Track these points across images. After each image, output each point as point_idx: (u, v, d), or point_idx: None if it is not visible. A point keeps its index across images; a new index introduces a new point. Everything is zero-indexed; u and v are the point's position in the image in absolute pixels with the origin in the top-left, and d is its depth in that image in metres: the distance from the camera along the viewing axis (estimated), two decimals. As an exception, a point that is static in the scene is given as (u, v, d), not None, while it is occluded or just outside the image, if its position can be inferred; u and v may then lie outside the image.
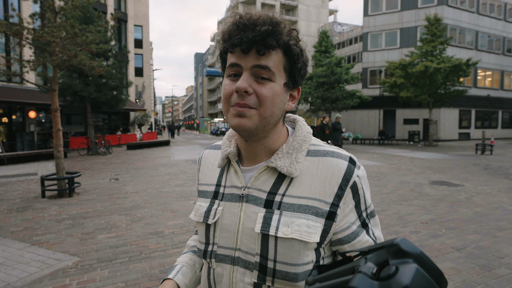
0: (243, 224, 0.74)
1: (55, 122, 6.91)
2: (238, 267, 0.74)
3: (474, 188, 7.45)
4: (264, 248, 0.71)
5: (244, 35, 0.66)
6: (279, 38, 0.68)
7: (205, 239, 0.81)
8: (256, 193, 0.75)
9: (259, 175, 0.76)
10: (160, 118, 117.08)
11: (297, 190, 0.72)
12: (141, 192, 7.23)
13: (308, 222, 0.70)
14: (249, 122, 0.70)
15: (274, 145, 0.78)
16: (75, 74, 15.08)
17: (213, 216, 0.79)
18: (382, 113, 28.08)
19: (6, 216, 5.47)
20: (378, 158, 14.01)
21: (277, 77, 0.70)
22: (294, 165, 0.73)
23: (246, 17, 0.69)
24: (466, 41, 27.80)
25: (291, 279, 0.69)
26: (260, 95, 0.69)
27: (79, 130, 22.12)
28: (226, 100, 0.72)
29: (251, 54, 0.68)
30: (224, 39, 0.71)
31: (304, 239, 0.69)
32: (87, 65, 7.30)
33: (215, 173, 0.85)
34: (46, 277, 3.26)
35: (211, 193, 0.83)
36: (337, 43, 42.48)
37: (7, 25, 6.68)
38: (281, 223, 0.70)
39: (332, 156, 0.75)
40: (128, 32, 27.39)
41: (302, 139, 0.78)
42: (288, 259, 0.69)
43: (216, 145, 0.93)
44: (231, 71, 0.72)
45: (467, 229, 4.59)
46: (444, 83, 20.15)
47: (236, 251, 0.75)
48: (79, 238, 4.36)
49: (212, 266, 0.79)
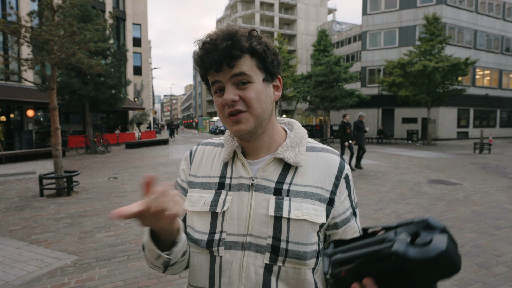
0: (254, 211, 0.80)
1: (53, 120, 6.89)
2: (249, 251, 0.78)
3: (472, 187, 7.48)
4: (277, 230, 0.78)
5: (212, 58, 0.75)
6: (241, 46, 0.76)
7: (210, 228, 0.82)
8: (264, 182, 0.82)
9: (266, 166, 0.83)
10: (158, 117, 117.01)
11: (302, 179, 0.82)
12: (139, 191, 7.23)
13: (314, 206, 0.79)
14: (246, 126, 0.79)
15: (272, 140, 0.86)
16: (74, 72, 15.03)
17: (221, 205, 0.82)
18: (380, 112, 28.12)
19: (4, 215, 5.46)
20: (376, 157, 14.04)
21: (254, 77, 0.78)
22: (299, 156, 0.83)
23: (207, 40, 0.77)
24: (465, 40, 27.84)
25: (301, 258, 0.77)
26: (245, 98, 0.77)
27: (78, 129, 22.06)
28: (221, 114, 0.81)
29: (224, 69, 0.77)
30: (198, 65, 0.80)
31: (313, 220, 0.78)
32: (86, 64, 7.28)
33: (216, 166, 0.89)
34: (44, 276, 3.26)
35: (215, 184, 0.86)
36: (336, 42, 42.49)
37: (5, 23, 6.65)
38: (292, 207, 0.78)
39: (327, 152, 0.87)
40: (127, 31, 27.32)
41: (301, 136, 0.88)
42: (299, 239, 0.77)
43: (211, 142, 0.97)
44: (216, 88, 0.80)
45: (465, 228, 4.61)
46: (443, 82, 20.18)
47: (247, 237, 0.79)
48: (78, 236, 4.36)
49: (220, 254, 0.80)
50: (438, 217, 5.13)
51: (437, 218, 5.02)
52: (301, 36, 51.36)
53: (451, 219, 5.00)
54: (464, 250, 3.82)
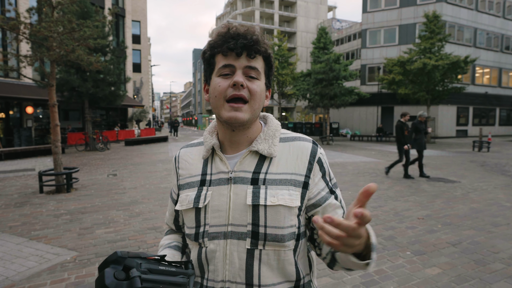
0: (233, 202, 0.85)
1: (52, 117, 6.89)
2: (231, 240, 0.84)
3: (471, 184, 7.50)
4: (256, 217, 0.83)
5: (239, 41, 0.81)
6: (264, 46, 0.85)
7: (195, 222, 0.89)
8: (242, 174, 0.87)
9: (243, 159, 0.89)
10: (158, 114, 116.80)
11: (276, 168, 0.87)
12: (139, 187, 7.24)
13: (289, 191, 0.84)
14: (243, 116, 0.84)
15: (253, 135, 0.92)
16: (73, 69, 15.00)
17: (203, 200, 0.88)
18: (380, 110, 28.12)
19: (4, 211, 5.47)
20: (375, 154, 14.06)
21: (261, 77, 0.87)
22: (272, 148, 0.88)
23: (235, 28, 0.84)
24: (465, 38, 27.81)
25: (279, 240, 0.82)
26: (251, 89, 0.84)
27: (77, 126, 22.03)
28: (220, 96, 0.84)
29: (242, 57, 0.83)
30: (217, 45, 0.85)
31: (288, 204, 0.83)
32: (85, 61, 7.26)
33: (198, 165, 0.95)
34: (44, 271, 3.27)
35: (197, 182, 0.92)
36: (336, 40, 42.40)
37: (4, 20, 6.64)
38: (268, 195, 0.83)
39: (299, 140, 0.92)
40: (126, 28, 27.23)
41: (274, 128, 0.93)
42: (276, 223, 0.82)
43: (191, 143, 1.04)
44: (224, 71, 0.84)
45: (463, 225, 4.63)
46: (442, 80, 20.18)
47: (229, 226, 0.85)
48: (77, 233, 4.38)
49: (205, 245, 0.87)
50: (436, 214, 5.15)
51: (436, 215, 5.06)
52: (301, 34, 51.23)
53: (449, 216, 5.02)
54: (461, 247, 3.84)
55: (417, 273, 3.19)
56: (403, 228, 4.50)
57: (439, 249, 3.77)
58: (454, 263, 3.40)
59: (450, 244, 3.93)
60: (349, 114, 30.67)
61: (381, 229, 4.46)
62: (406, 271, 3.23)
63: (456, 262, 3.43)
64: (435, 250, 3.76)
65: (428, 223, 4.72)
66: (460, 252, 3.69)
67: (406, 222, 4.76)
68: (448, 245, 3.88)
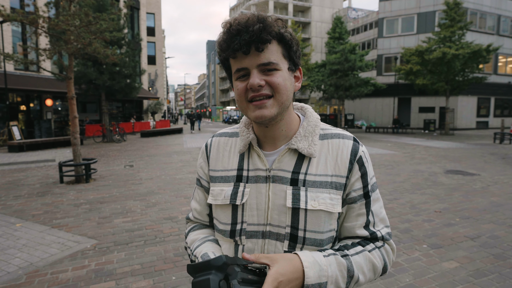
0: (272, 202, 0.83)
1: (71, 109, 7.06)
2: (269, 239, 0.83)
3: (491, 177, 7.30)
4: (295, 220, 0.81)
5: (241, 39, 0.74)
6: (271, 30, 0.75)
7: (231, 219, 0.86)
8: (281, 173, 0.84)
9: (281, 157, 0.85)
10: (172, 106, 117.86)
11: (316, 169, 0.83)
12: (155, 178, 7.37)
13: (330, 195, 0.81)
14: (270, 112, 0.78)
15: (288, 128, 0.87)
16: (90, 62, 15.26)
17: (241, 197, 0.85)
18: (396, 101, 27.51)
19: (27, 200, 5.68)
20: (391, 146, 13.82)
21: (281, 65, 0.79)
22: (313, 147, 0.84)
23: (235, 23, 0.76)
24: (487, 25, 26.71)
25: (318, 245, 0.81)
26: (272, 83, 0.77)
27: (94, 118, 22.52)
28: (241, 98, 0.80)
29: (251, 53, 0.76)
30: (223, 49, 0.79)
31: (329, 209, 0.80)
32: (101, 53, 7.37)
33: (233, 159, 0.91)
34: (66, 258, 3.40)
35: (233, 177, 0.89)
36: (352, 29, 41.49)
37: (24, 14, 6.79)
38: (308, 198, 0.80)
39: (338, 137, 0.87)
40: (141, 20, 27.41)
41: (314, 124, 0.88)
42: (316, 227, 0.80)
43: (225, 132, 0.98)
44: (240, 74, 0.80)
45: (482, 219, 4.52)
46: (463, 70, 19.52)
47: (267, 226, 0.83)
48: (97, 222, 4.51)
49: (242, 243, 0.85)
50: (454, 207, 5.05)
51: (454, 208, 4.96)
52: (316, 24, 50.36)
53: (467, 210, 4.91)
54: (480, 241, 3.76)
55: (434, 266, 3.14)
56: (419, 221, 4.43)
57: (457, 243, 3.70)
58: (473, 257, 3.33)
59: (469, 238, 3.85)
60: (364, 105, 30.13)
61: (397, 222, 4.41)
62: (422, 264, 3.19)
63: (474, 256, 3.37)
64: (453, 243, 3.69)
65: (446, 216, 4.63)
66: (479, 246, 3.62)
67: (423, 215, 4.68)
68: (467, 239, 3.81)
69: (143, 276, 3.01)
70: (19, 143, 12.72)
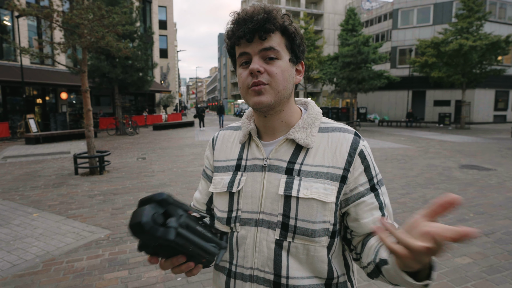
0: (266, 190, 0.84)
1: (85, 102, 7.18)
2: (262, 227, 0.83)
3: (507, 172, 7.12)
4: (287, 208, 0.81)
5: (246, 27, 0.78)
6: (275, 22, 0.79)
7: (228, 207, 0.89)
8: (277, 162, 0.86)
9: (279, 147, 0.87)
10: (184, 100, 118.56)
11: (313, 160, 0.84)
12: (167, 171, 7.46)
13: (324, 185, 0.81)
14: (266, 98, 0.81)
15: (289, 120, 0.89)
16: (103, 56, 15.44)
17: (237, 185, 0.88)
18: (411, 94, 26.98)
19: (43, 191, 5.84)
20: (405, 140, 13.61)
21: (282, 54, 0.82)
22: (310, 138, 0.85)
23: (243, 13, 0.81)
24: (507, 16, 25.81)
25: (309, 235, 0.80)
26: (270, 72, 0.80)
27: (108, 111, 22.86)
28: (243, 85, 0.84)
29: (255, 41, 0.80)
30: (229, 37, 0.83)
31: (321, 199, 0.80)
32: (114, 47, 7.45)
33: (235, 149, 0.95)
34: (81, 248, 3.49)
35: (233, 167, 0.92)
36: (365, 21, 40.67)
37: (38, 8, 6.90)
38: (301, 187, 0.81)
39: (339, 131, 0.87)
40: (153, 13, 27.52)
41: (314, 116, 0.90)
42: (307, 217, 0.80)
43: (231, 126, 1.03)
44: (242, 60, 0.83)
45: (497, 214, 4.43)
46: (480, 62, 18.96)
47: (260, 214, 0.84)
48: (110, 213, 4.61)
49: (236, 230, 0.87)
50: (468, 202, 4.95)
51: (468, 203, 4.86)
52: (328, 16, 49.59)
53: (482, 205, 4.82)
54: (494, 237, 3.69)
55: (446, 262, 3.10)
56: (432, 216, 4.36)
57: (470, 238, 3.64)
58: (486, 253, 3.28)
59: (483, 233, 3.78)
60: (377, 98, 29.67)
61: (409, 217, 4.35)
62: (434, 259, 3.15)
63: (488, 252, 3.31)
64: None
65: (459, 211, 4.55)
66: (493, 242, 3.55)
67: (436, 210, 4.60)
68: (480, 235, 3.74)
69: (155, 266, 3.07)
70: (36, 135, 13.05)
